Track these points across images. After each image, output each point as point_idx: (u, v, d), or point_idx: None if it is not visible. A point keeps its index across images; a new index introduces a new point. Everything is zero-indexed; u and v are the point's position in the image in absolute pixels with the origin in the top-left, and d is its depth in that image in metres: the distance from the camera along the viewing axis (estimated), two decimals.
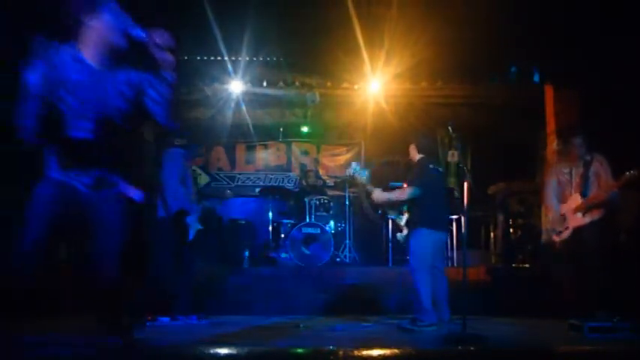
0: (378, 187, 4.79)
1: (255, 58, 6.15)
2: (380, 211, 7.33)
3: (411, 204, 4.63)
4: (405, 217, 4.79)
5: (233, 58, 6.06)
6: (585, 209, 4.55)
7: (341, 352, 3.13)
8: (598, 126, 5.23)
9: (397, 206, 4.79)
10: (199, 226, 4.89)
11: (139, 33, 2.46)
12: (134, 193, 2.84)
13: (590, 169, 4.59)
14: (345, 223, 7.28)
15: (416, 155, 4.70)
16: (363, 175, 4.73)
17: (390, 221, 6.88)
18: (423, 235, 4.48)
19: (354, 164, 4.79)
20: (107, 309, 2.71)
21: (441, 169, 4.78)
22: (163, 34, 2.46)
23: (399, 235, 4.84)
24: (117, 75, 2.56)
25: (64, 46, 2.49)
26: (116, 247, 2.65)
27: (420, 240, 4.48)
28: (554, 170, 4.89)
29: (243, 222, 7.52)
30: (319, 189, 7.84)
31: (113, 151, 2.59)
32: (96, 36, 2.48)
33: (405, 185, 4.71)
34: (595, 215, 4.55)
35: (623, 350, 3.48)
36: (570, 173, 4.71)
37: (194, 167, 5.65)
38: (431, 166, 4.62)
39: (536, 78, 6.26)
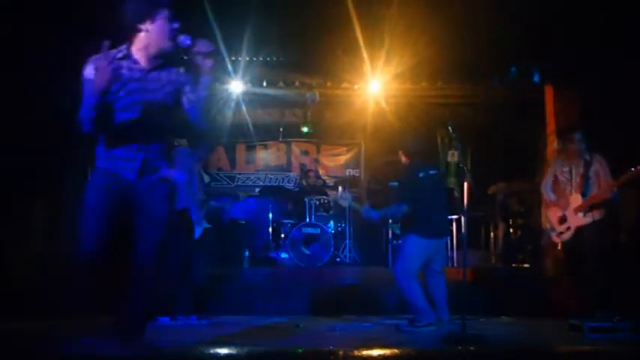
0: (379, 187, 4.79)
1: (255, 58, 6.15)
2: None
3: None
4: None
5: (233, 58, 6.06)
6: (586, 209, 4.55)
7: (341, 352, 3.13)
8: (598, 126, 5.23)
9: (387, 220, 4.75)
10: (206, 225, 4.88)
11: (185, 40, 2.72)
12: (175, 174, 3.03)
13: (590, 168, 4.58)
14: (345, 223, 7.28)
15: (406, 161, 4.66)
16: (347, 200, 4.75)
17: (390, 222, 6.88)
18: (412, 240, 4.44)
19: (339, 191, 4.79)
20: (137, 305, 2.85)
21: (433, 172, 4.66)
22: (205, 42, 2.73)
23: (396, 243, 4.84)
24: (162, 74, 2.81)
25: (119, 47, 2.75)
26: (159, 234, 2.81)
27: (410, 245, 4.45)
28: (554, 165, 4.86)
29: (243, 222, 7.52)
30: (319, 189, 7.83)
31: (156, 139, 2.81)
32: (147, 40, 2.74)
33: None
34: (596, 215, 4.54)
35: (623, 350, 3.48)
36: (570, 172, 4.70)
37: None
38: (421, 174, 4.51)
39: (536, 78, 6.26)
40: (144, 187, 2.79)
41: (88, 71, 2.70)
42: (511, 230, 7.22)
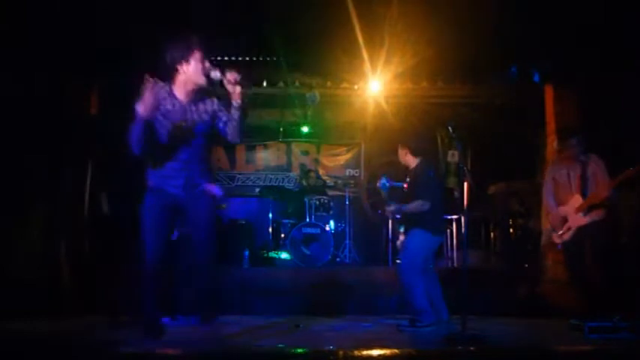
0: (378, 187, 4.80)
1: (255, 58, 6.15)
2: (380, 211, 7.33)
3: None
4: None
5: (233, 58, 6.06)
6: (587, 209, 4.54)
7: (341, 352, 3.13)
8: (598, 126, 5.23)
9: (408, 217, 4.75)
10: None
11: (216, 74, 3.26)
12: (215, 189, 3.48)
13: (587, 169, 4.59)
14: (345, 223, 7.28)
15: (412, 160, 4.67)
16: (386, 191, 4.76)
17: (390, 222, 6.89)
18: (419, 236, 4.47)
19: (383, 179, 4.80)
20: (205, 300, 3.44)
21: (433, 172, 4.73)
22: (234, 72, 3.24)
23: (398, 242, 4.86)
24: (198, 104, 3.38)
25: (163, 84, 3.31)
26: (212, 238, 3.35)
27: (416, 241, 4.47)
28: (551, 170, 4.90)
29: (243, 222, 7.52)
30: (319, 189, 7.84)
31: (196, 160, 3.36)
32: (185, 78, 3.31)
33: (405, 186, 4.72)
34: (596, 215, 4.54)
35: (623, 350, 3.48)
36: (568, 175, 4.71)
37: None
38: (431, 173, 4.61)
39: (536, 78, 6.25)
40: (189, 200, 3.32)
41: (139, 104, 3.17)
42: (511, 230, 7.22)
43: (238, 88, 3.28)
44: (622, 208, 5.14)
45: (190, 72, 3.29)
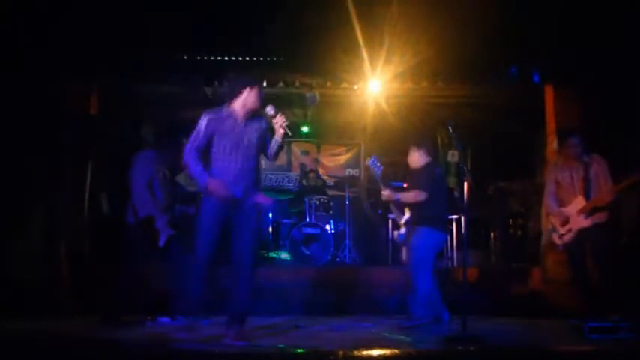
0: (379, 187, 4.80)
1: (255, 58, 6.15)
2: (380, 211, 7.33)
3: (414, 204, 4.63)
4: (405, 216, 4.80)
5: (233, 58, 6.05)
6: (590, 211, 4.53)
7: (341, 352, 3.13)
8: (598, 126, 5.23)
9: (403, 207, 4.79)
10: (170, 231, 4.62)
11: (270, 110, 3.87)
12: (265, 200, 3.96)
13: (590, 170, 4.58)
14: (345, 223, 7.27)
15: (422, 160, 4.70)
16: (377, 171, 4.75)
17: (390, 221, 6.88)
18: (426, 234, 4.49)
19: (373, 157, 4.81)
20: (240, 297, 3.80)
21: (439, 170, 4.81)
22: (283, 116, 3.90)
23: (396, 233, 4.86)
24: (252, 124, 3.89)
25: (224, 106, 3.87)
26: (253, 249, 3.83)
27: (424, 239, 4.49)
28: (552, 171, 4.88)
29: None
30: (319, 189, 7.83)
31: (250, 171, 3.83)
32: (244, 102, 3.84)
33: (405, 185, 4.73)
34: (598, 219, 4.52)
35: (623, 350, 3.48)
36: (571, 177, 4.69)
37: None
38: (437, 171, 4.70)
39: (536, 78, 6.25)
40: (242, 208, 3.75)
41: (202, 121, 3.80)
42: (511, 230, 7.21)
43: (282, 130, 3.86)
44: (622, 208, 5.13)
45: (250, 99, 3.82)
